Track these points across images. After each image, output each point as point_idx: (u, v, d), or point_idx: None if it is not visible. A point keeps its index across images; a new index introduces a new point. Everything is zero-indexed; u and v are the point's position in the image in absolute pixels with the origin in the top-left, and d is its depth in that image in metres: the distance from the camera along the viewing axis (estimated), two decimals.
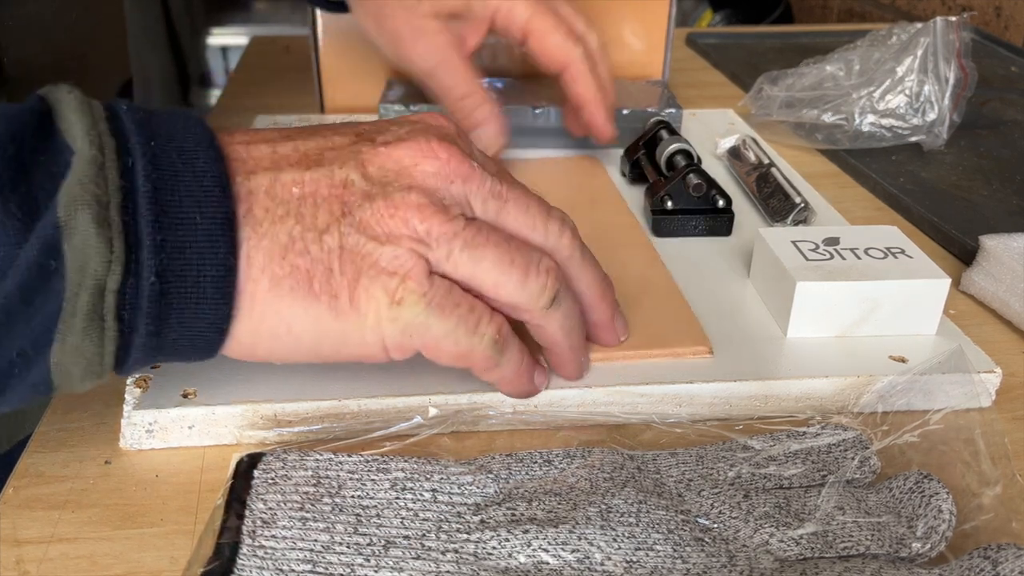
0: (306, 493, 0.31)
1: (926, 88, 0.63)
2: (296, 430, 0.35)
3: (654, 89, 0.67)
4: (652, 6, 0.69)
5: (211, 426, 0.36)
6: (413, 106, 0.62)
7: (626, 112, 0.62)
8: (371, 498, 0.31)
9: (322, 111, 0.70)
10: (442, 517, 0.31)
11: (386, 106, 0.62)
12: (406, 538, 0.30)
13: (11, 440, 0.52)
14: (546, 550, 0.29)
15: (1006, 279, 0.46)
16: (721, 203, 0.51)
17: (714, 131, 0.66)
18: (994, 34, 0.95)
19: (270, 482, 0.31)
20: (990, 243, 0.47)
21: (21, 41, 0.46)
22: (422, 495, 0.31)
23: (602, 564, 0.29)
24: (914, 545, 0.30)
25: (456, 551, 0.29)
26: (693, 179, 0.50)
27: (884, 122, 0.64)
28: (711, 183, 0.51)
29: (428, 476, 0.32)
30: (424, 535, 0.30)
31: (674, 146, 0.54)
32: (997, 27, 1.01)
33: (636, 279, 0.44)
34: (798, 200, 0.52)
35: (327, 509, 0.30)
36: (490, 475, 0.32)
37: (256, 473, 0.31)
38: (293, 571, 0.28)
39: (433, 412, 0.36)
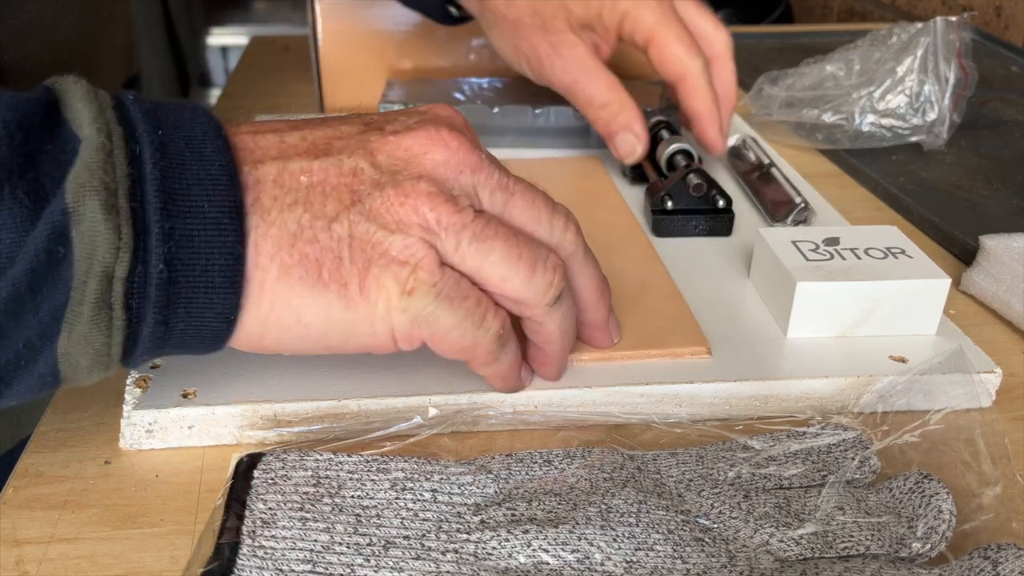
0: (306, 493, 0.31)
1: (926, 88, 0.63)
2: (296, 430, 0.35)
3: (654, 89, 0.67)
4: None
5: (211, 426, 0.36)
6: (413, 106, 0.62)
7: None
8: (371, 498, 0.31)
9: (322, 111, 0.70)
10: (442, 517, 0.31)
11: (386, 106, 0.62)
12: (406, 538, 0.30)
13: (13, 439, 0.52)
14: (546, 550, 0.29)
15: (1006, 279, 0.46)
16: (721, 203, 0.51)
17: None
18: (994, 34, 0.95)
19: (270, 482, 0.31)
20: (990, 243, 0.47)
21: (21, 42, 0.46)
22: (422, 495, 0.31)
23: (602, 564, 0.29)
24: (914, 545, 0.30)
25: (456, 551, 0.29)
26: (693, 179, 0.50)
27: (884, 122, 0.64)
28: (711, 183, 0.51)
29: (428, 476, 0.32)
30: (424, 535, 0.30)
31: (675, 146, 0.54)
32: (997, 27, 1.01)
33: (635, 279, 0.44)
34: (798, 200, 0.52)
35: (327, 509, 0.30)
36: (490, 475, 0.32)
37: (256, 473, 0.31)
38: (293, 571, 0.28)
39: (433, 412, 0.36)
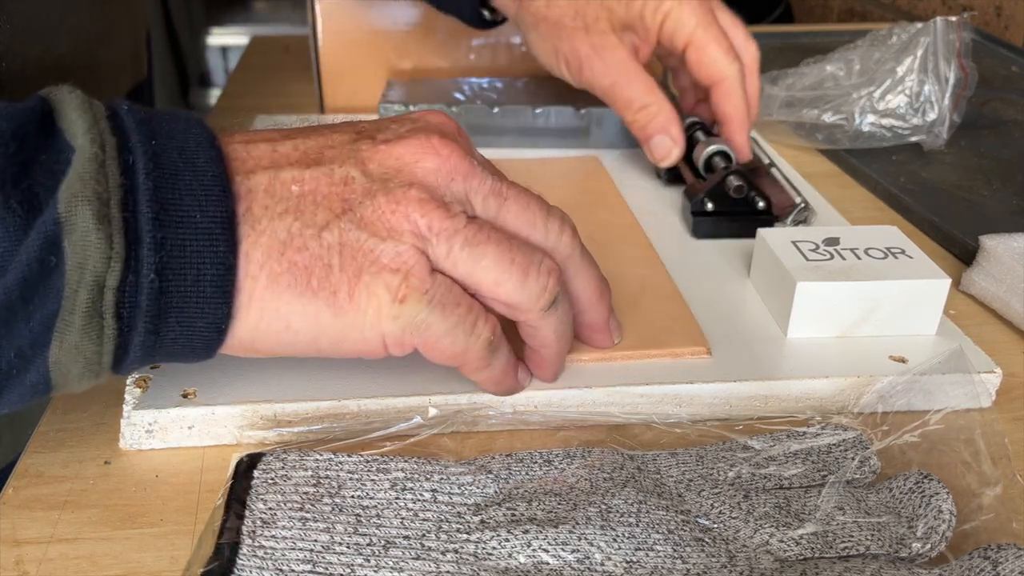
0: (306, 493, 0.31)
1: (926, 88, 0.63)
2: (296, 430, 0.35)
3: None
4: None
5: (211, 426, 0.36)
6: (413, 106, 0.62)
7: None
8: (371, 498, 0.31)
9: (322, 111, 0.70)
10: (442, 517, 0.31)
11: (386, 106, 0.62)
12: (406, 538, 0.30)
13: (16, 448, 0.52)
14: (546, 550, 0.29)
15: (1006, 279, 0.46)
16: (761, 204, 0.51)
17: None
18: (994, 34, 0.95)
19: (270, 482, 0.31)
20: (990, 243, 0.47)
21: (21, 47, 0.46)
22: (422, 495, 0.31)
23: (602, 564, 0.29)
24: (914, 545, 0.30)
25: (456, 551, 0.29)
26: (734, 181, 0.50)
27: (884, 122, 0.64)
28: (751, 184, 0.51)
29: (428, 476, 0.32)
30: (424, 535, 0.30)
31: (713, 147, 0.54)
32: (997, 27, 1.01)
33: (635, 279, 0.44)
34: (798, 200, 0.52)
35: (327, 509, 0.30)
36: (490, 475, 0.32)
37: (256, 473, 0.31)
38: (293, 571, 0.28)
39: (433, 412, 0.36)
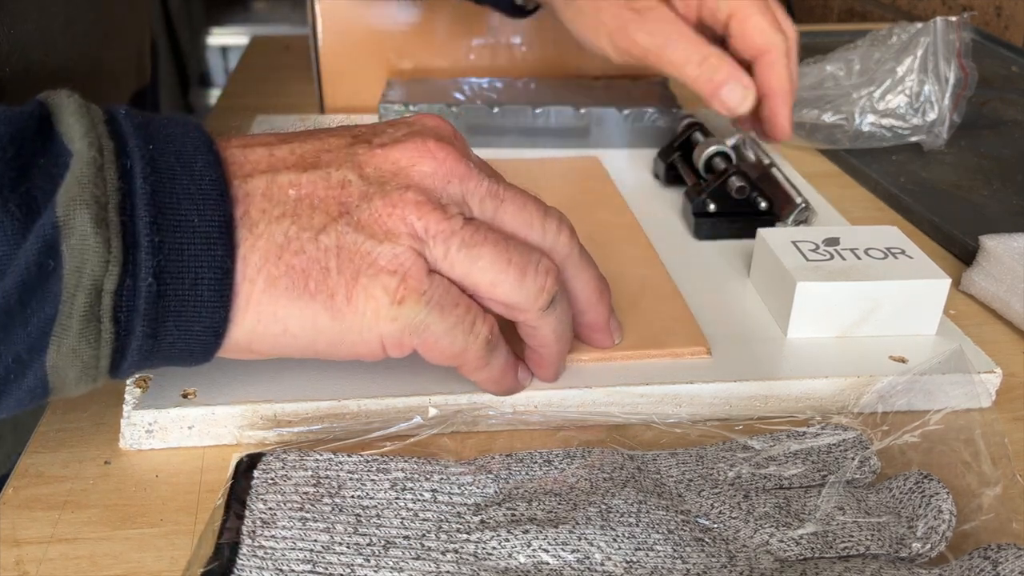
0: (306, 493, 0.31)
1: (926, 88, 0.63)
2: (296, 430, 0.35)
3: (654, 89, 0.67)
4: None
5: (211, 426, 0.36)
6: (413, 106, 0.62)
7: (626, 112, 0.62)
8: (371, 498, 0.31)
9: (322, 111, 0.70)
10: (442, 517, 0.31)
11: (386, 106, 0.62)
12: (406, 538, 0.30)
13: (18, 452, 0.52)
14: (546, 550, 0.29)
15: (1006, 279, 0.46)
16: (763, 205, 0.51)
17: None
18: (994, 34, 0.95)
19: (270, 482, 0.31)
20: (990, 243, 0.47)
21: (24, 53, 0.45)
22: (422, 495, 0.31)
23: (602, 564, 0.29)
24: (914, 545, 0.30)
25: (456, 551, 0.29)
26: (736, 181, 0.50)
27: (884, 122, 0.64)
28: (753, 185, 0.50)
29: (428, 476, 0.32)
30: (424, 535, 0.30)
31: (713, 148, 0.54)
32: (997, 27, 1.01)
33: (635, 279, 0.44)
34: (799, 200, 0.52)
35: (327, 509, 0.30)
36: (490, 475, 0.32)
37: (256, 473, 0.31)
38: (293, 571, 0.28)
39: (433, 412, 0.36)
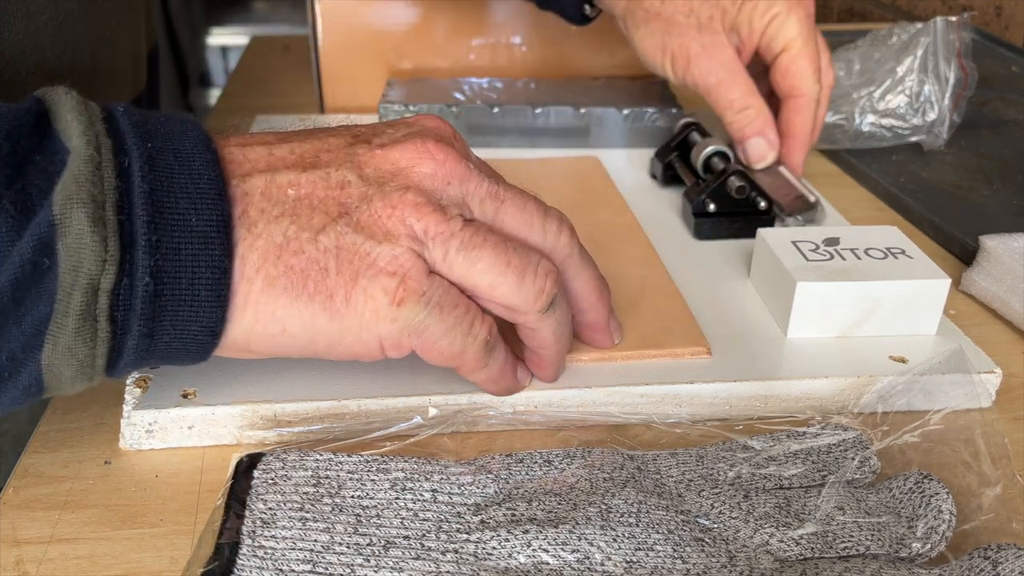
0: (306, 493, 0.31)
1: (926, 88, 0.63)
2: (296, 430, 0.35)
3: (654, 89, 0.67)
4: None
5: (211, 426, 0.36)
6: (413, 106, 0.62)
7: (626, 112, 0.62)
8: (371, 498, 0.31)
9: (322, 111, 0.70)
10: (442, 517, 0.31)
11: (386, 106, 0.62)
12: (406, 538, 0.30)
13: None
14: (546, 550, 0.29)
15: (1006, 279, 0.46)
16: (763, 204, 0.51)
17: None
18: (994, 34, 0.95)
19: (270, 482, 0.31)
20: (990, 243, 0.47)
21: (15, 59, 0.45)
22: (422, 495, 0.31)
23: (602, 564, 0.29)
24: (914, 545, 0.30)
25: (456, 551, 0.29)
26: (735, 181, 0.50)
27: (884, 122, 0.64)
28: (752, 184, 0.51)
29: (428, 476, 0.32)
30: (424, 535, 0.30)
31: (711, 148, 0.54)
32: (997, 27, 1.01)
33: (635, 279, 0.44)
34: (812, 199, 0.52)
35: (327, 509, 0.30)
36: (490, 475, 0.32)
37: (256, 473, 0.31)
38: (293, 571, 0.28)
39: (433, 412, 0.36)
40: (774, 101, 0.55)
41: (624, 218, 0.52)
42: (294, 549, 0.29)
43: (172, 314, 0.29)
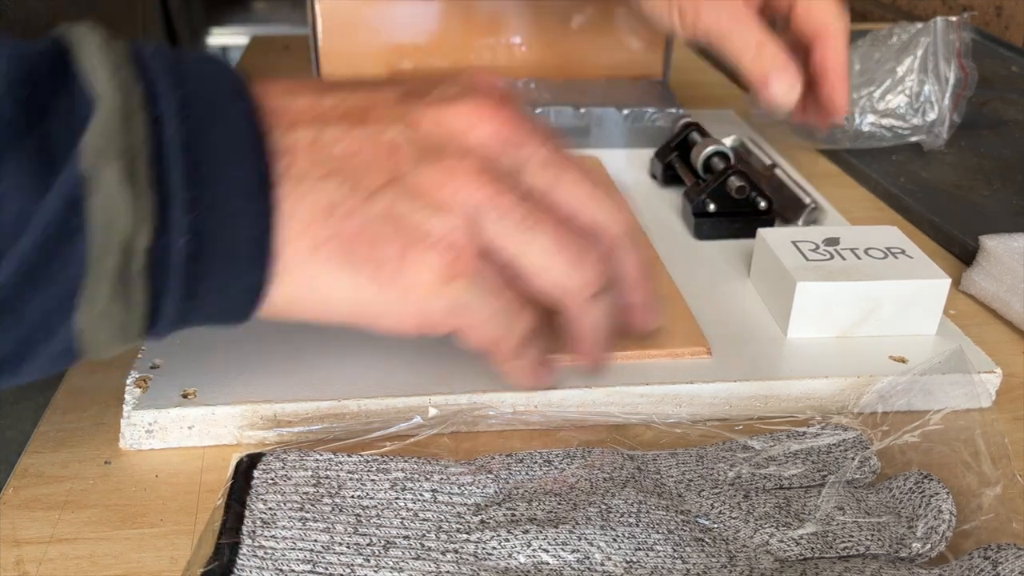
0: (306, 493, 0.31)
1: (926, 88, 0.63)
2: (296, 430, 0.35)
3: (654, 89, 0.67)
4: None
5: (211, 426, 0.36)
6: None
7: (626, 112, 0.62)
8: (371, 498, 0.31)
9: None
10: (442, 517, 0.31)
11: None
12: (406, 538, 0.30)
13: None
14: (546, 550, 0.29)
15: (1006, 279, 0.46)
16: (763, 204, 0.51)
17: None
18: (994, 34, 0.95)
19: (270, 482, 0.31)
20: (990, 243, 0.47)
21: None
22: (422, 495, 0.31)
23: (602, 564, 0.29)
24: (914, 545, 0.30)
25: (456, 551, 0.29)
26: (735, 181, 0.50)
27: (884, 122, 0.64)
28: (753, 185, 0.51)
29: (428, 476, 0.32)
30: (424, 535, 0.30)
31: (711, 148, 0.54)
32: (997, 27, 1.01)
33: None
34: (807, 201, 0.52)
35: (327, 509, 0.30)
36: (490, 475, 0.32)
37: (256, 473, 0.31)
38: (293, 571, 0.28)
39: (433, 412, 0.36)
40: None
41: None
42: (294, 549, 0.29)
43: (212, 275, 0.27)
